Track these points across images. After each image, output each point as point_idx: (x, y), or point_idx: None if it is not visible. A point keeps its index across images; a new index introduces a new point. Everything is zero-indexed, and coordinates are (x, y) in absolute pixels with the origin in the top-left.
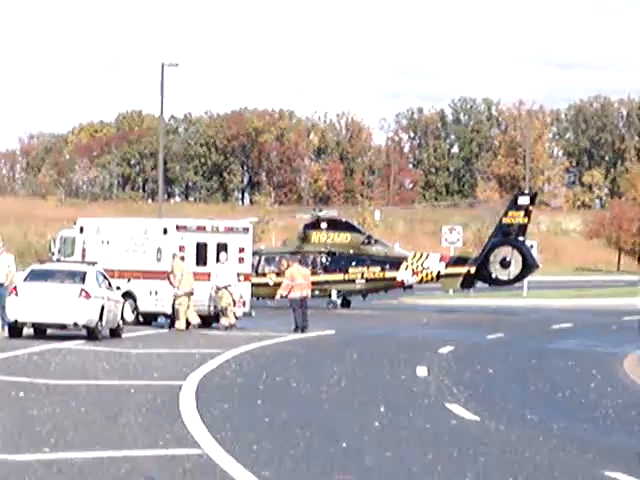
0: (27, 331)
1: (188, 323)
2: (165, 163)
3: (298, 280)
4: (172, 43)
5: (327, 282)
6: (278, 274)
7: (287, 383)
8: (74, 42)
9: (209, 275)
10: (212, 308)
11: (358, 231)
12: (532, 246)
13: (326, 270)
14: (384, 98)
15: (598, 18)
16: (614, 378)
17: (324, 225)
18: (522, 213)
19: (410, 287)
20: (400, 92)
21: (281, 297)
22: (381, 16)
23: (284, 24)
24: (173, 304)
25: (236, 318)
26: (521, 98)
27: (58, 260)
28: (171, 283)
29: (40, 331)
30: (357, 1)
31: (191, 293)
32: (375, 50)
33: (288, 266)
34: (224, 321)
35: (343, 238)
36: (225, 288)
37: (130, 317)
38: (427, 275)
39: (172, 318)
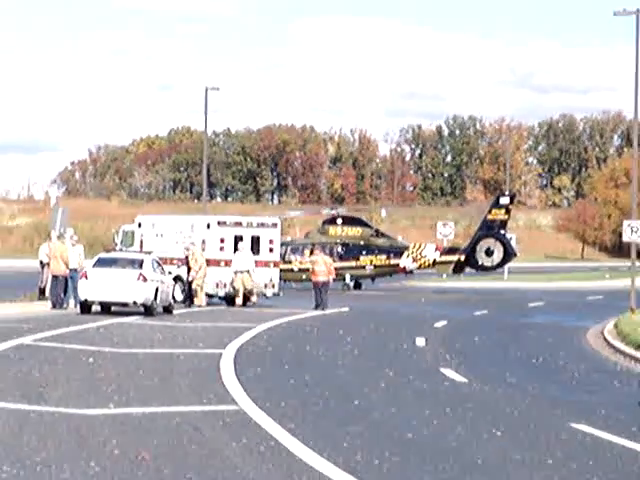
0: (95, 308)
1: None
2: (208, 170)
3: (321, 267)
4: (216, 71)
5: (342, 268)
6: (302, 261)
7: (309, 351)
8: (135, 70)
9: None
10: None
11: (368, 226)
12: (511, 238)
13: (341, 258)
14: (389, 116)
15: (566, 51)
16: (579, 347)
17: (339, 221)
18: (503, 211)
19: (411, 272)
20: (403, 111)
21: (312, 282)
22: (387, 48)
23: (307, 56)
24: (190, 284)
25: (266, 297)
26: (503, 116)
27: (120, 250)
28: (190, 268)
29: (106, 308)
30: (366, 37)
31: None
32: (382, 76)
33: (312, 253)
34: (239, 301)
35: (355, 232)
36: (247, 272)
37: (180, 297)
38: (425, 262)
39: (191, 296)
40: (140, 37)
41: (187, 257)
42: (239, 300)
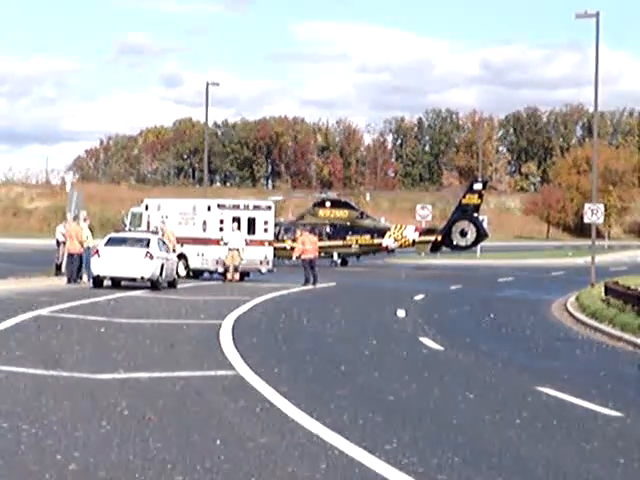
0: (106, 283)
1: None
2: (209, 158)
3: (307, 246)
4: (216, 67)
5: (330, 247)
6: (294, 240)
7: (300, 322)
8: (145, 67)
9: (245, 241)
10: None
11: (353, 208)
12: (483, 220)
13: (329, 237)
14: (374, 109)
15: (537, 50)
16: (544, 318)
17: (328, 204)
18: (476, 196)
19: (392, 251)
20: (387, 105)
21: (296, 258)
22: (374, 50)
23: (302, 56)
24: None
25: (261, 273)
26: (475, 109)
27: (129, 230)
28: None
29: (116, 283)
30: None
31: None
32: (368, 74)
33: (301, 234)
34: (230, 276)
35: (342, 213)
36: (237, 250)
37: (183, 273)
38: (405, 242)
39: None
40: (149, 36)
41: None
42: (229, 275)
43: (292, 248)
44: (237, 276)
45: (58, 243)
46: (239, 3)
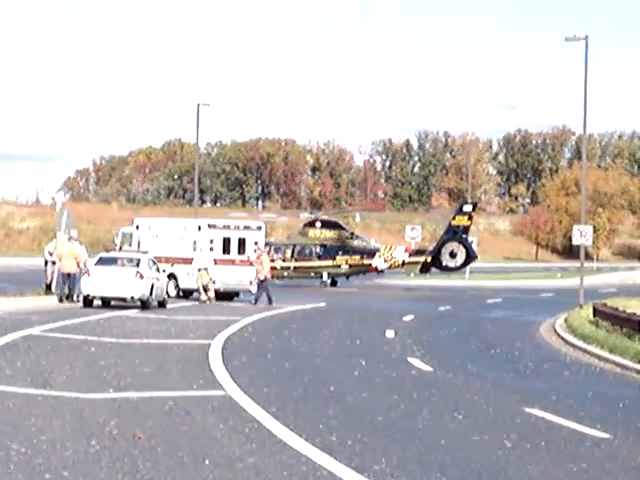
0: (96, 303)
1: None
2: (199, 178)
3: (264, 265)
4: (208, 88)
5: (320, 267)
6: (284, 260)
7: (289, 342)
8: (133, 87)
9: (233, 261)
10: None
11: (343, 229)
12: (473, 241)
13: (319, 258)
14: (367, 130)
15: (532, 71)
16: (533, 340)
17: (318, 224)
18: (466, 217)
19: (382, 271)
20: (380, 125)
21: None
22: (366, 68)
23: (292, 75)
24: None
25: (251, 293)
26: (466, 131)
27: (120, 249)
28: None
29: (106, 303)
30: (347, 59)
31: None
32: (363, 93)
33: (261, 254)
34: (203, 297)
35: (332, 234)
36: (205, 270)
37: (173, 292)
38: (395, 262)
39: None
40: (137, 57)
41: None
42: (202, 296)
43: (282, 268)
44: (212, 294)
45: (46, 262)
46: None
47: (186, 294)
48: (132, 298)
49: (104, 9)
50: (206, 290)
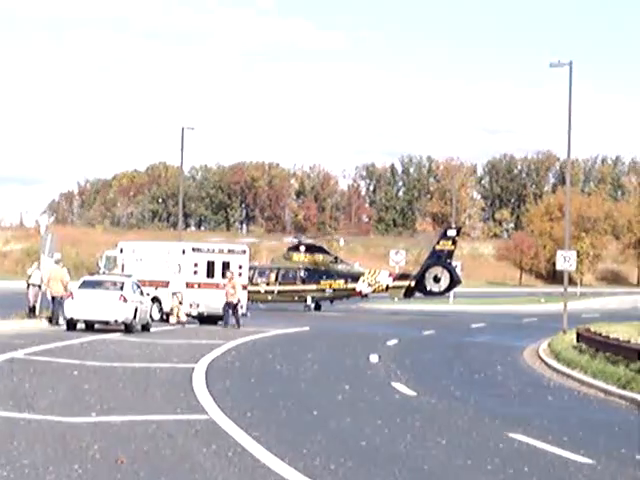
0: (80, 326)
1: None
2: (183, 202)
3: (233, 289)
4: (191, 112)
5: (304, 291)
6: (268, 283)
7: (273, 366)
8: (118, 110)
9: (217, 285)
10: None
11: (328, 253)
12: (456, 266)
13: (303, 282)
14: (353, 154)
15: (516, 96)
16: (516, 364)
17: (302, 248)
18: (450, 242)
19: (366, 296)
20: (366, 149)
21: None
22: (351, 91)
23: (277, 99)
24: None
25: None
26: (451, 156)
27: (104, 273)
28: None
29: (90, 326)
30: (332, 83)
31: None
32: (348, 117)
33: (232, 277)
34: (172, 319)
35: (316, 258)
36: (175, 294)
37: (157, 316)
38: (379, 287)
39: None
40: (123, 81)
41: None
42: (173, 318)
43: (266, 292)
44: (183, 318)
45: (28, 285)
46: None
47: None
48: (116, 321)
49: (90, 33)
50: (178, 314)
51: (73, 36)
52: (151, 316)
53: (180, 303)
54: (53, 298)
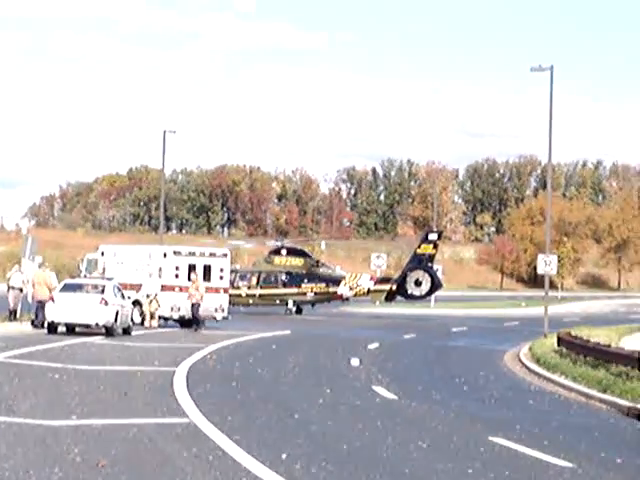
0: (61, 329)
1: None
2: (165, 205)
3: (199, 290)
4: (173, 115)
5: (285, 294)
6: (249, 287)
7: (254, 370)
8: (99, 114)
9: (197, 288)
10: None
11: (309, 256)
12: (438, 269)
13: (284, 285)
14: (336, 157)
15: (499, 100)
16: (497, 368)
17: (284, 251)
18: (432, 246)
19: (347, 299)
20: (349, 153)
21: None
22: (333, 94)
23: (258, 102)
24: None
25: (216, 320)
26: (432, 159)
27: (85, 276)
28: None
29: (70, 329)
30: (313, 86)
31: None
32: (330, 121)
33: (196, 280)
34: (147, 323)
35: (298, 261)
36: (154, 296)
37: (138, 319)
38: (360, 290)
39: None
40: (104, 85)
41: None
42: (146, 322)
43: (248, 295)
44: (154, 323)
45: (9, 288)
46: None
47: None
48: (97, 325)
49: (74, 35)
50: (152, 317)
51: (56, 38)
52: (132, 319)
53: (158, 306)
54: (39, 302)
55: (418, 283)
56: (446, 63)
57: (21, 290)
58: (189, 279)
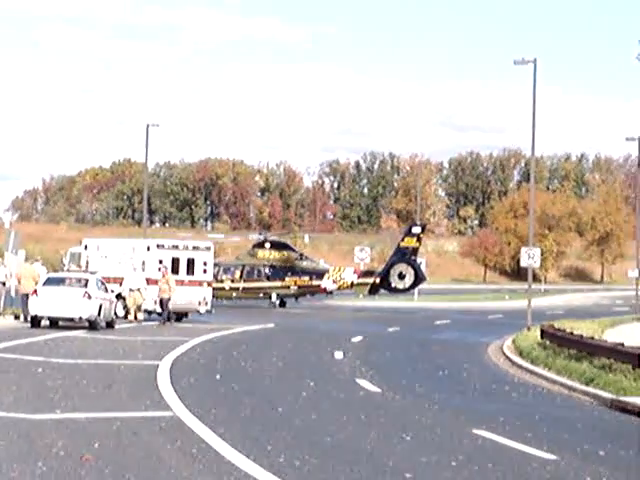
0: (44, 323)
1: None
2: (148, 198)
3: (169, 285)
4: (157, 108)
5: (269, 288)
6: (233, 280)
7: (237, 363)
8: (83, 107)
9: (182, 281)
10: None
11: (293, 250)
12: (421, 262)
13: (268, 278)
14: (321, 151)
15: (484, 94)
16: (480, 361)
17: (268, 245)
18: (415, 239)
19: (331, 292)
20: (332, 146)
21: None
22: (316, 88)
23: (242, 95)
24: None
25: (200, 313)
26: (415, 152)
27: (68, 270)
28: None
29: (54, 323)
30: (297, 79)
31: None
32: (313, 114)
33: (166, 273)
34: (131, 317)
35: (281, 255)
36: (137, 290)
37: (121, 313)
38: (344, 283)
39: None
40: (87, 78)
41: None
42: (130, 316)
43: (231, 288)
44: (140, 316)
45: None
46: (180, 44)
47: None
48: (80, 318)
49: (55, 30)
50: (138, 310)
51: (40, 31)
52: (116, 313)
53: (143, 300)
54: (26, 295)
55: (402, 276)
56: (430, 56)
57: (4, 284)
58: (172, 272)
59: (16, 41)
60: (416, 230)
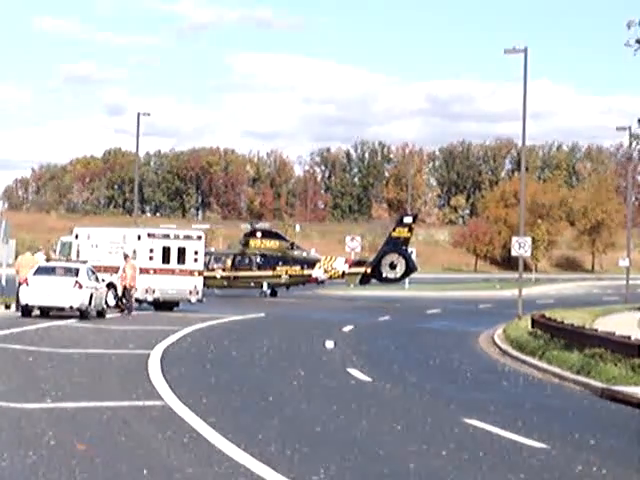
0: (35, 312)
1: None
2: (140, 187)
3: (132, 273)
4: (147, 97)
5: (260, 277)
6: (224, 270)
7: (228, 352)
8: (73, 97)
9: (173, 271)
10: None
11: (284, 239)
12: (412, 252)
13: (259, 268)
14: (313, 141)
15: (478, 83)
16: (471, 350)
17: (259, 234)
18: (406, 229)
19: (322, 282)
20: (324, 136)
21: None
22: (307, 76)
23: (233, 84)
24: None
25: (190, 303)
26: (406, 141)
27: (59, 259)
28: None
29: (45, 312)
30: (287, 66)
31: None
32: (305, 105)
33: (128, 261)
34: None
35: (273, 244)
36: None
37: (112, 302)
38: (335, 273)
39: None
40: (77, 65)
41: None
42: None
43: (222, 277)
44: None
45: None
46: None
47: None
48: (71, 308)
49: (49, 19)
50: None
51: (34, 21)
52: (106, 302)
53: (135, 289)
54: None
55: (393, 266)
56: (422, 46)
57: None
58: (163, 261)
59: (9, 29)
60: (407, 220)
